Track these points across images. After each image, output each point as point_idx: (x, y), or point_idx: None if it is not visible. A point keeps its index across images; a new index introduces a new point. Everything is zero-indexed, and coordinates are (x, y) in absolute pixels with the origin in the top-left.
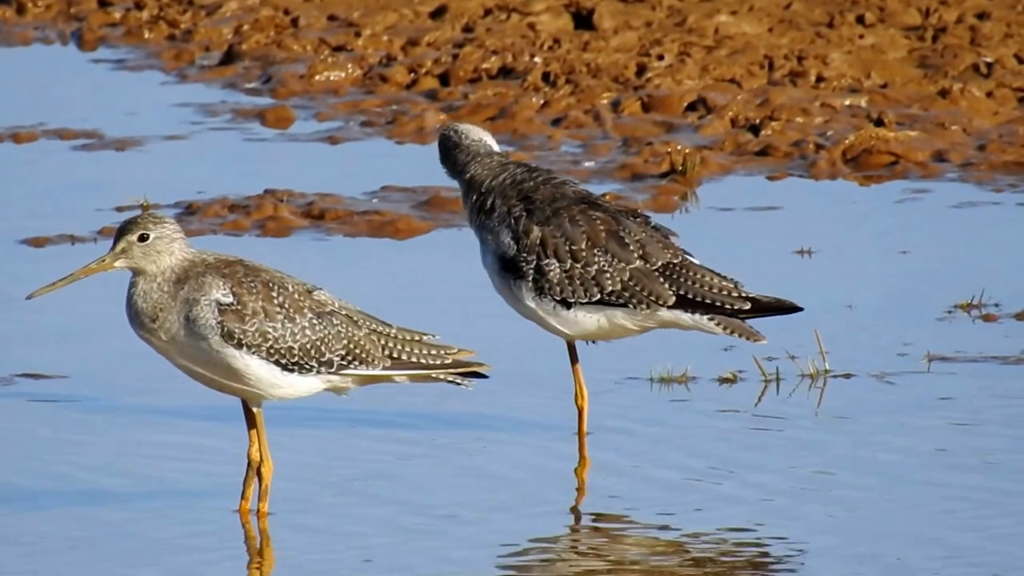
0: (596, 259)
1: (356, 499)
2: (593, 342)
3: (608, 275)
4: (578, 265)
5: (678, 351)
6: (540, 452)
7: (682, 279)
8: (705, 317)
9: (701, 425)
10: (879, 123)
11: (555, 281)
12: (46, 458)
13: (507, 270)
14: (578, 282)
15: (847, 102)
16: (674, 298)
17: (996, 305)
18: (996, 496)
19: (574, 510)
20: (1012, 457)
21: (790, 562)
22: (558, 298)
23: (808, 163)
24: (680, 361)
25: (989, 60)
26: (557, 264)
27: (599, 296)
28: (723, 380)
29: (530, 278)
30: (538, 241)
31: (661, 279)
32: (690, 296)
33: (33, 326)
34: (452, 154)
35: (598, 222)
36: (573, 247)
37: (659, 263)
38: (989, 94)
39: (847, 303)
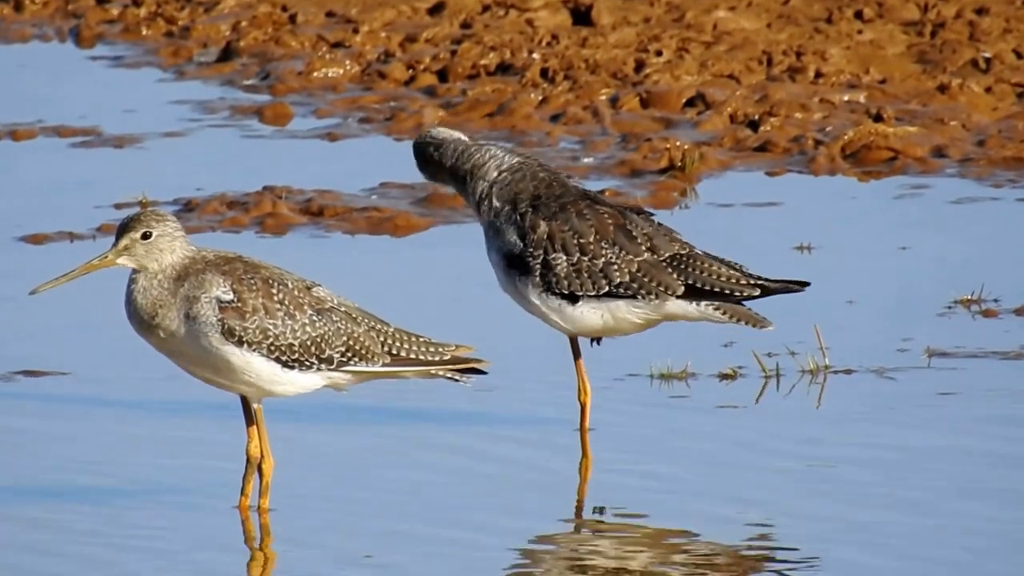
0: (604, 251)
1: (356, 496)
2: (597, 341)
3: (616, 267)
4: (585, 258)
5: (678, 348)
6: (542, 448)
7: (690, 269)
8: (712, 307)
9: (702, 421)
10: (878, 119)
11: (562, 275)
12: (44, 455)
13: (513, 267)
14: (586, 275)
15: (846, 98)
16: (683, 288)
17: (996, 300)
18: (995, 491)
19: (576, 506)
20: (1012, 452)
21: (791, 559)
22: (565, 292)
23: (807, 159)
24: (680, 357)
25: (988, 55)
26: (565, 258)
27: (607, 288)
28: (723, 376)
29: (537, 274)
30: (545, 236)
31: (669, 269)
32: (698, 285)
33: (32, 323)
34: (437, 155)
35: (606, 215)
36: (581, 240)
37: (667, 255)
38: (988, 89)
39: (847, 299)
